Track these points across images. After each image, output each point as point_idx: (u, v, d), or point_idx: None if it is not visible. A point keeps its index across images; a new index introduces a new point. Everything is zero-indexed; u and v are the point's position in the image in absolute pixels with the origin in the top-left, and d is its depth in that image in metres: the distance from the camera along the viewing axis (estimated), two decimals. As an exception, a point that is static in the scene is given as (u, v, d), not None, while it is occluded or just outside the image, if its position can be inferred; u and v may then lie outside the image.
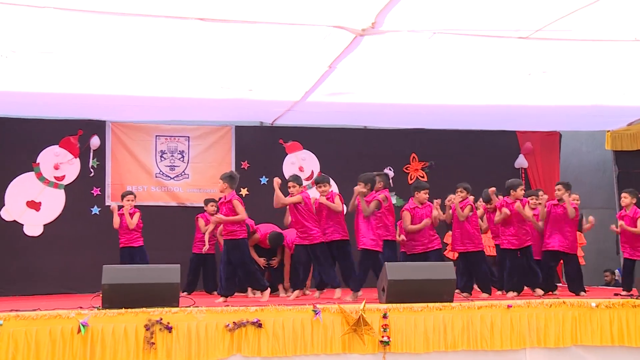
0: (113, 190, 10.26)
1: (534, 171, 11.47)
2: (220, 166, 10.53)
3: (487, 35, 6.31)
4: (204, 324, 5.61)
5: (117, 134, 10.38)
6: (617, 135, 11.17)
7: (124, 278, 5.78)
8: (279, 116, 10.19)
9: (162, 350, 5.48)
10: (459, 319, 6.04)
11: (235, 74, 7.74)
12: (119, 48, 6.69)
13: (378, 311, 5.92)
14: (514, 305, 6.22)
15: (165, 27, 6.05)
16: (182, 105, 9.30)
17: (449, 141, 11.19)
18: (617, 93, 8.68)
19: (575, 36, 6.35)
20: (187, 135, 10.63)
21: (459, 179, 8.46)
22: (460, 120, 10.50)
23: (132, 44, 6.58)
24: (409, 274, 6.25)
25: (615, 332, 6.25)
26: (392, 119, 10.37)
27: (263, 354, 5.67)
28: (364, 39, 6.27)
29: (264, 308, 5.81)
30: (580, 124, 10.97)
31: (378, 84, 8.20)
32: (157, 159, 10.51)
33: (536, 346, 6.14)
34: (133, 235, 8.57)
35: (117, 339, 5.41)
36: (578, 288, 7.85)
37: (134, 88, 8.31)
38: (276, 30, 6.20)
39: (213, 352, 5.58)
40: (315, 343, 5.76)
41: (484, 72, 7.75)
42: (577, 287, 7.87)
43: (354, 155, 10.82)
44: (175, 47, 6.69)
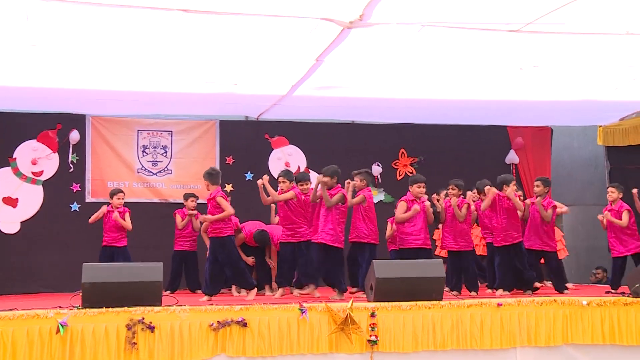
0: (93, 186, 10.21)
1: (524, 167, 11.53)
2: (205, 162, 10.50)
3: (477, 28, 6.32)
4: (188, 323, 5.60)
5: (98, 128, 10.31)
6: (609, 131, 11.25)
7: (104, 276, 5.76)
8: (264, 111, 10.18)
9: (144, 351, 5.45)
10: (448, 318, 6.07)
11: (220, 68, 7.72)
12: (99, 40, 6.64)
13: (366, 310, 5.93)
14: (504, 304, 6.24)
15: (147, 18, 6.01)
16: (165, 99, 9.26)
17: (439, 136, 11.23)
18: (609, 88, 8.75)
19: (567, 29, 6.39)
20: (170, 130, 10.59)
21: (449, 175, 8.50)
22: (450, 115, 10.53)
23: (113, 36, 6.53)
24: (397, 272, 6.27)
25: (606, 330, 6.30)
26: (381, 113, 10.39)
27: (248, 353, 5.66)
28: (351, 31, 6.26)
29: (249, 307, 5.81)
30: (572, 119, 11.04)
31: (366, 78, 8.21)
32: (139, 154, 10.46)
33: (527, 345, 6.17)
34: (118, 235, 8.55)
35: (97, 339, 5.38)
36: (561, 285, 7.97)
37: (115, 82, 8.26)
38: (262, 23, 6.18)
39: (197, 352, 5.57)
40: (301, 342, 5.76)
41: (475, 66, 7.77)
42: (560, 285, 7.99)
43: (342, 151, 10.81)
44: (158, 39, 6.65)
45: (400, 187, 10.82)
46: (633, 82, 8.42)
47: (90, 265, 5.83)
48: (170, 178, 10.50)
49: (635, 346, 6.29)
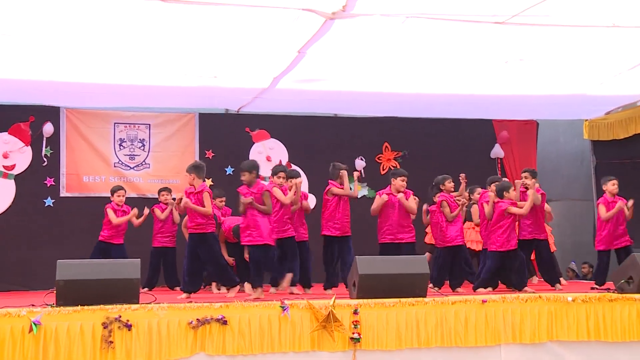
0: (68, 181, 10.13)
1: (510, 161, 11.61)
2: (184, 155, 10.48)
3: (462, 20, 6.35)
4: (166, 321, 5.57)
5: (73, 121, 10.23)
6: (594, 125, 11.37)
7: (80, 274, 5.72)
8: (245, 104, 10.16)
9: (121, 350, 5.43)
10: (432, 315, 6.09)
11: (200, 60, 7.68)
12: (74, 30, 6.57)
13: (348, 307, 5.94)
14: (489, 300, 6.29)
15: (124, 8, 5.97)
16: (142, 92, 9.20)
17: (423, 130, 11.27)
18: (594, 82, 8.83)
19: (552, 22, 6.44)
20: (147, 123, 10.53)
21: (433, 170, 8.55)
22: (435, 108, 10.57)
23: (88, 26, 6.47)
24: (380, 268, 6.29)
25: (591, 326, 6.36)
26: (364, 106, 10.40)
27: (228, 352, 5.65)
28: (334, 22, 6.26)
29: (229, 304, 5.80)
30: (558, 113, 11.13)
31: (349, 71, 8.21)
32: (115, 147, 10.39)
33: (511, 342, 6.22)
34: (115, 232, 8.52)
35: (72, 338, 5.34)
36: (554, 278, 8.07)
37: (90, 74, 8.20)
38: (242, 13, 6.16)
39: (175, 351, 5.55)
40: (283, 340, 5.76)
41: (460, 59, 7.80)
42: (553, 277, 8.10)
43: (324, 145, 10.83)
44: (135, 30, 6.61)
45: (384, 181, 10.82)
46: (619, 76, 8.51)
47: (65, 262, 5.78)
48: (148, 172, 10.45)
49: (620, 342, 6.37)
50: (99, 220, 8.80)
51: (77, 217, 9.94)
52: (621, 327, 6.39)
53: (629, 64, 8.07)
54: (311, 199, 10.49)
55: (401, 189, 7.75)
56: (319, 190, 9.50)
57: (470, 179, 9.01)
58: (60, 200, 10.04)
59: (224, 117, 10.84)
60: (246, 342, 5.68)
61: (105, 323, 5.42)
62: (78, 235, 9.68)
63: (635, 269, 6.66)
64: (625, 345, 6.38)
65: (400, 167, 10.97)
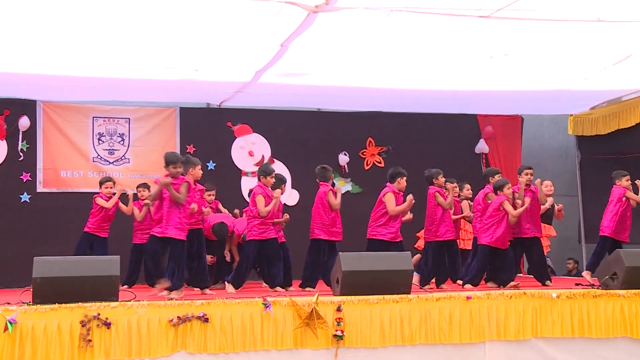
0: (45, 176, 10.03)
1: (495, 156, 11.67)
2: (164, 150, 10.21)
3: (447, 14, 6.36)
4: (146, 319, 5.55)
5: (50, 115, 10.12)
6: (579, 120, 11.45)
7: (57, 271, 5.67)
8: (227, 98, 10.12)
9: (100, 348, 5.40)
10: (416, 312, 6.12)
11: (180, 53, 7.63)
12: (51, 22, 6.50)
13: (332, 304, 5.96)
14: (474, 297, 6.33)
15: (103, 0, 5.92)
16: (122, 86, 9.14)
17: (407, 125, 11.29)
18: (579, 77, 8.90)
19: (538, 16, 6.47)
20: (127, 117, 10.46)
21: (418, 165, 8.57)
22: (419, 103, 10.59)
23: (66, 18, 6.39)
24: (364, 265, 6.31)
25: (575, 323, 6.43)
26: (348, 101, 10.40)
27: (210, 350, 5.65)
28: (317, 16, 6.25)
29: (211, 302, 5.79)
30: (543, 108, 11.20)
31: (333, 65, 8.20)
32: (94, 142, 10.31)
33: (496, 339, 6.27)
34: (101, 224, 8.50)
35: (49, 337, 5.30)
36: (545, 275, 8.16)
37: (68, 67, 8.12)
38: (224, 5, 6.13)
39: (155, 349, 5.53)
40: (265, 338, 5.77)
41: (445, 54, 7.82)
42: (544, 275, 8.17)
43: (307, 140, 10.82)
44: (114, 22, 6.54)
45: (368, 177, 10.91)
46: (603, 71, 8.58)
47: (42, 259, 5.73)
48: (128, 167, 10.37)
49: (604, 338, 6.44)
50: (77, 216, 8.74)
51: (55, 213, 9.85)
52: (605, 323, 6.47)
53: (614, 60, 8.14)
54: (294, 194, 10.52)
55: (404, 189, 7.81)
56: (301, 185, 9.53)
57: (455, 175, 9.03)
58: (37, 196, 9.94)
59: (205, 112, 10.80)
60: (228, 339, 5.68)
61: (83, 321, 5.39)
62: (55, 231, 9.59)
63: (620, 265, 6.73)
64: (609, 341, 6.45)
65: (384, 162, 11.01)
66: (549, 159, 12.20)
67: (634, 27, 6.87)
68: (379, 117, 11.23)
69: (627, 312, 6.51)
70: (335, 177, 8.10)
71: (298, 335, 5.83)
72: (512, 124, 11.84)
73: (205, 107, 10.80)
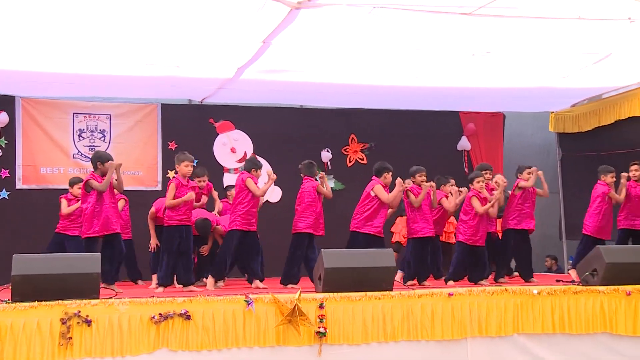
0: (24, 172, 9.95)
1: (476, 153, 11.73)
2: (146, 147, 10.38)
3: (429, 11, 6.38)
4: (127, 316, 5.51)
5: (29, 111, 10.03)
6: (560, 118, 11.55)
7: (37, 268, 5.61)
8: (209, 94, 10.08)
9: (81, 346, 5.35)
10: (398, 308, 6.13)
11: (162, 49, 7.59)
12: (30, 17, 6.44)
13: (314, 301, 5.95)
14: (455, 294, 6.35)
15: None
16: (103, 82, 9.07)
17: (390, 122, 11.32)
18: (561, 75, 8.97)
19: (520, 13, 6.51)
20: (108, 113, 10.39)
21: (400, 161, 8.59)
22: (401, 100, 10.63)
23: (45, 13, 6.34)
24: (346, 262, 6.30)
25: (556, 319, 6.47)
26: (330, 98, 10.41)
27: (192, 347, 5.62)
28: (300, 12, 6.24)
29: (193, 299, 5.76)
30: (524, 105, 11.27)
31: (316, 62, 8.20)
32: (74, 138, 10.24)
33: (477, 335, 6.29)
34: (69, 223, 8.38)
35: (28, 335, 5.24)
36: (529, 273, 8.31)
37: (48, 64, 8.06)
38: (205, 1, 6.10)
39: (137, 347, 5.49)
40: (247, 335, 5.74)
41: (427, 51, 7.85)
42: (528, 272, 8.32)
43: (290, 136, 10.82)
44: (94, 18, 6.49)
45: (350, 173, 10.93)
46: (584, 69, 8.66)
47: (21, 257, 5.66)
48: (109, 163, 10.28)
49: (584, 334, 6.50)
50: (57, 212, 8.65)
51: (34, 209, 9.77)
52: (585, 319, 6.52)
53: (594, 58, 8.22)
54: (277, 191, 10.51)
55: (389, 184, 7.87)
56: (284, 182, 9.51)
57: (437, 171, 9.08)
58: (16, 193, 9.85)
59: (187, 108, 10.75)
60: (210, 337, 5.66)
61: (63, 319, 5.34)
62: (35, 228, 9.50)
63: (600, 261, 6.79)
64: (589, 336, 6.51)
65: (367, 159, 11.03)
66: (530, 156, 12.25)
67: (614, 27, 6.94)
68: (361, 114, 11.25)
69: (607, 308, 6.57)
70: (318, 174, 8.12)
71: (281, 332, 5.82)
72: (494, 121, 11.91)
73: (187, 103, 10.76)
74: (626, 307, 6.60)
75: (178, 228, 7.43)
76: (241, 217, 7.62)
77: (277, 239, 8.51)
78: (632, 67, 8.81)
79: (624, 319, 6.57)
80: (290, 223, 8.05)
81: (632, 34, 7.18)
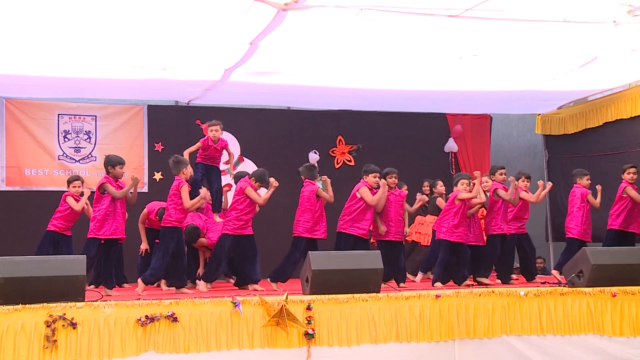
0: (8, 174, 9.88)
1: (464, 155, 11.78)
2: (132, 148, 10.34)
3: (416, 13, 6.40)
4: (113, 319, 5.49)
5: (13, 112, 9.96)
6: (546, 119, 11.62)
7: (21, 271, 5.57)
8: (196, 96, 10.06)
9: (66, 349, 5.32)
10: (386, 310, 6.14)
11: (148, 52, 7.57)
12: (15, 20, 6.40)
13: (301, 303, 5.95)
14: (443, 295, 6.37)
15: None
16: (88, 85, 9.03)
17: (378, 123, 11.35)
18: (547, 78, 9.03)
19: (506, 16, 6.54)
20: (94, 115, 10.34)
21: (388, 163, 8.59)
22: (389, 102, 10.65)
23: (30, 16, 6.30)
24: (333, 264, 6.31)
25: (544, 320, 6.51)
26: (318, 100, 10.42)
27: (179, 350, 5.60)
28: (287, 14, 6.24)
29: (179, 301, 5.74)
30: (511, 107, 11.34)
31: (303, 64, 8.20)
32: (59, 139, 10.18)
33: (465, 337, 6.32)
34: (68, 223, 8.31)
35: (12, 338, 5.21)
36: None
37: (33, 67, 8.02)
38: (192, 3, 6.09)
39: (123, 349, 5.47)
40: (236, 337, 5.74)
41: (415, 54, 7.87)
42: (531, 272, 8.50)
43: (277, 138, 10.82)
44: (80, 21, 6.46)
45: (338, 175, 10.92)
46: (570, 72, 8.72)
47: (5, 259, 5.63)
48: (95, 165, 10.25)
49: (572, 335, 6.54)
50: (42, 214, 8.59)
51: (19, 211, 9.70)
52: (572, 321, 6.56)
53: (580, 62, 8.28)
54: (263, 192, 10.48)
55: (375, 185, 7.81)
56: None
57: (424, 173, 9.13)
58: (0, 195, 9.77)
59: (173, 110, 10.73)
60: (198, 339, 5.64)
61: (48, 322, 5.31)
62: (19, 230, 9.45)
63: (586, 263, 6.84)
64: (577, 338, 6.55)
65: (354, 161, 11.04)
66: (517, 157, 12.35)
67: (600, 30, 7.00)
68: (349, 116, 11.27)
69: (593, 309, 6.62)
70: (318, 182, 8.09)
71: (269, 334, 5.81)
72: (481, 123, 11.97)
73: (173, 104, 10.72)
74: (612, 309, 6.66)
75: (176, 229, 7.42)
76: (233, 222, 7.60)
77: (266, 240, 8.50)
78: (617, 70, 8.88)
79: (610, 320, 6.63)
80: (280, 224, 8.06)
81: (617, 37, 7.24)
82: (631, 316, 6.67)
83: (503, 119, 12.31)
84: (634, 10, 6.41)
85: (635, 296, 6.74)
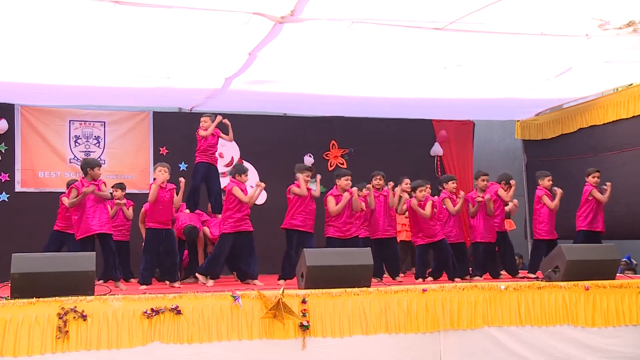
0: (23, 176, 9.87)
1: (448, 159, 11.83)
2: (138, 152, 10.34)
3: (404, 26, 6.43)
4: (121, 311, 5.50)
5: (28, 118, 9.95)
6: (525, 125, 11.69)
7: (35, 267, 5.57)
8: (198, 104, 10.06)
9: (76, 339, 5.32)
10: (376, 304, 6.16)
11: (153, 62, 7.56)
12: (28, 31, 6.39)
13: (297, 297, 5.97)
14: (429, 290, 6.40)
15: (78, 11, 5.83)
16: (97, 92, 9.02)
17: (368, 129, 11.38)
18: (525, 86, 9.07)
19: (487, 29, 6.58)
20: (102, 121, 10.33)
21: (378, 166, 8.63)
22: (379, 109, 10.68)
23: (43, 27, 6.29)
24: (327, 260, 6.33)
25: (523, 312, 6.54)
26: (313, 106, 10.43)
27: (182, 340, 5.61)
28: (284, 26, 6.26)
29: (183, 295, 5.75)
30: (492, 114, 11.38)
31: (299, 73, 8.22)
32: (71, 144, 10.17)
33: (450, 328, 6.34)
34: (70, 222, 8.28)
35: (27, 329, 5.21)
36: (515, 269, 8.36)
37: (45, 75, 8.00)
38: (194, 16, 6.09)
39: (130, 340, 5.47)
40: (235, 329, 5.75)
41: (403, 64, 7.90)
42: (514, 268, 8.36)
43: (274, 142, 10.84)
44: (89, 32, 6.45)
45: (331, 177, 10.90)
46: (547, 82, 8.77)
47: (20, 256, 5.62)
48: (104, 168, 10.16)
49: (548, 326, 6.57)
50: (54, 214, 8.57)
51: (32, 211, 9.68)
52: (549, 312, 6.60)
53: (556, 72, 8.33)
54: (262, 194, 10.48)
55: (346, 187, 7.77)
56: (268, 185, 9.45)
57: (411, 175, 9.11)
58: (15, 195, 9.76)
59: (177, 116, 10.72)
60: (200, 330, 5.65)
61: (60, 314, 5.32)
62: (33, 229, 9.41)
63: (561, 259, 6.88)
64: (553, 328, 6.59)
65: (346, 163, 11.06)
66: (498, 161, 12.39)
67: (574, 42, 7.04)
68: (341, 122, 11.30)
69: (568, 302, 6.66)
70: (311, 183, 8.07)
71: (267, 326, 5.83)
72: (465, 129, 12.01)
73: (177, 111, 10.72)
74: (585, 301, 6.70)
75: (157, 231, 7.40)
76: (228, 221, 7.58)
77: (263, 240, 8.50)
78: (590, 79, 8.94)
79: (583, 312, 6.67)
80: (275, 225, 8.05)
81: (589, 49, 7.29)
82: (602, 308, 6.73)
83: (485, 124, 12.36)
84: (604, 25, 6.46)
85: (606, 289, 6.79)
